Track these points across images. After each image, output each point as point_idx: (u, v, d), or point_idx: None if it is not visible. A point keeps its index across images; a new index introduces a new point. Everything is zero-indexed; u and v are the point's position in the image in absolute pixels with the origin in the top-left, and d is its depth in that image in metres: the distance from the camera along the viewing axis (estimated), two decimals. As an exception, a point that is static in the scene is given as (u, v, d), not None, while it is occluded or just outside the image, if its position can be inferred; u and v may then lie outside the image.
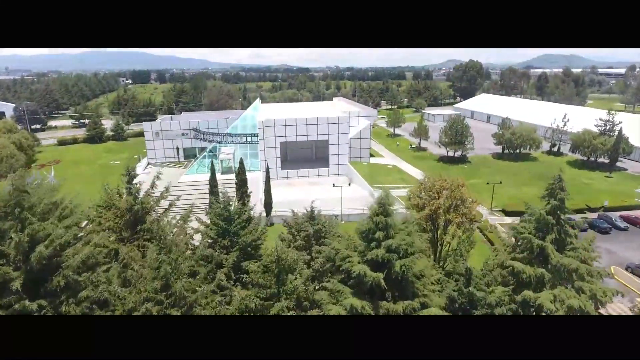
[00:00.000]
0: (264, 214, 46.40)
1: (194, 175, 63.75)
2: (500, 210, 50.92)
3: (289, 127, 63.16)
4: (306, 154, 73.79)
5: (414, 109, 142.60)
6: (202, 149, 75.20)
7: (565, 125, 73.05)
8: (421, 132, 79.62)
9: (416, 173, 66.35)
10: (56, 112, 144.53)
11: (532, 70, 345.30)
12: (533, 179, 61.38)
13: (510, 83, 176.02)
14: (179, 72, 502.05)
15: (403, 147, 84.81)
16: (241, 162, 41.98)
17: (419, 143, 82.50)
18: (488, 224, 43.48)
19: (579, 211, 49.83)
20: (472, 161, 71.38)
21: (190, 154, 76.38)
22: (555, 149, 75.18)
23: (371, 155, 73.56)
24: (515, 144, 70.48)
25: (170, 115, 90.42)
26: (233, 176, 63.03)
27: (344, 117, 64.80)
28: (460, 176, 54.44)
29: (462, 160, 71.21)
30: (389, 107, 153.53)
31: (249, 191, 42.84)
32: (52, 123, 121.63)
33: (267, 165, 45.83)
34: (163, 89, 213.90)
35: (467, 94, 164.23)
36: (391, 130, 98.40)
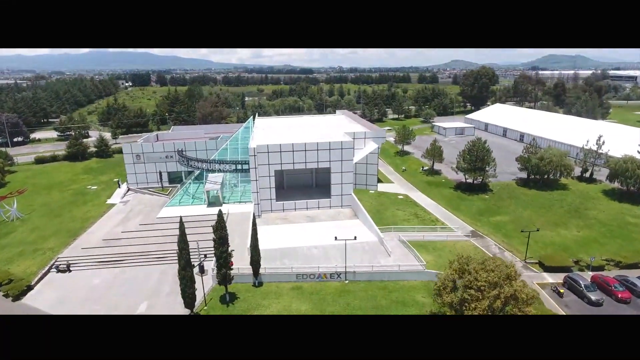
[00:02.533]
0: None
1: (176, 208, 55.53)
2: (536, 263, 42.22)
3: (285, 153, 54.87)
4: (305, 179, 65.48)
5: (422, 119, 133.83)
6: (190, 172, 67.06)
7: (600, 147, 64.16)
8: (435, 153, 70.94)
9: (431, 205, 57.78)
10: (45, 120, 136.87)
11: (540, 73, 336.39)
12: (569, 216, 52.63)
13: (522, 88, 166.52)
14: (181, 73, 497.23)
15: (413, 169, 76.13)
16: (220, 216, 33.54)
17: (432, 165, 73.82)
18: (528, 291, 34.74)
19: (633, 266, 41.13)
20: (494, 189, 62.67)
21: (175, 178, 68.23)
22: (588, 174, 66.29)
23: (379, 181, 65.04)
24: (543, 171, 61.67)
25: (156, 133, 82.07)
26: (220, 209, 55.25)
27: (348, 142, 56.38)
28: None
29: (483, 188, 62.53)
30: (396, 116, 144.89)
31: (230, 249, 34.38)
32: (36, 135, 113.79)
33: (254, 217, 37.44)
34: (161, 92, 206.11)
35: (478, 101, 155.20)
36: (400, 147, 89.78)
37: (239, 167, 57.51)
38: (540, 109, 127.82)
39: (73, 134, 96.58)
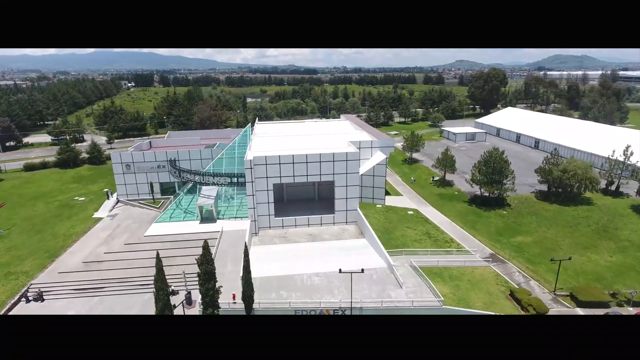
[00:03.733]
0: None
1: (166, 225, 51.10)
2: (567, 295, 37.23)
3: (285, 165, 50.22)
4: (307, 192, 60.75)
5: (430, 123, 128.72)
6: (184, 183, 62.61)
7: (628, 158, 58.95)
8: (447, 163, 65.95)
9: (444, 223, 52.86)
10: (41, 123, 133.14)
11: (548, 73, 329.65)
12: (598, 237, 47.56)
13: (533, 90, 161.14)
14: (184, 73, 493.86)
15: (423, 179, 71.17)
16: (206, 248, 28.90)
17: (444, 175, 68.83)
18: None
19: (680, 300, 36.02)
20: (512, 204, 57.63)
21: (168, 189, 63.76)
22: (614, 187, 61.05)
23: (387, 193, 60.21)
24: (567, 184, 56.56)
25: (149, 140, 77.81)
26: (213, 226, 50.81)
27: (354, 153, 51.61)
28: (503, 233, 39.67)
29: (500, 202, 57.51)
30: (403, 119, 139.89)
31: (218, 285, 29.77)
32: (29, 139, 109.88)
33: (246, 247, 32.70)
34: (163, 93, 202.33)
35: (488, 103, 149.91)
36: (408, 154, 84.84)
37: (235, 180, 52.93)
38: (554, 113, 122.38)
39: (66, 138, 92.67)
